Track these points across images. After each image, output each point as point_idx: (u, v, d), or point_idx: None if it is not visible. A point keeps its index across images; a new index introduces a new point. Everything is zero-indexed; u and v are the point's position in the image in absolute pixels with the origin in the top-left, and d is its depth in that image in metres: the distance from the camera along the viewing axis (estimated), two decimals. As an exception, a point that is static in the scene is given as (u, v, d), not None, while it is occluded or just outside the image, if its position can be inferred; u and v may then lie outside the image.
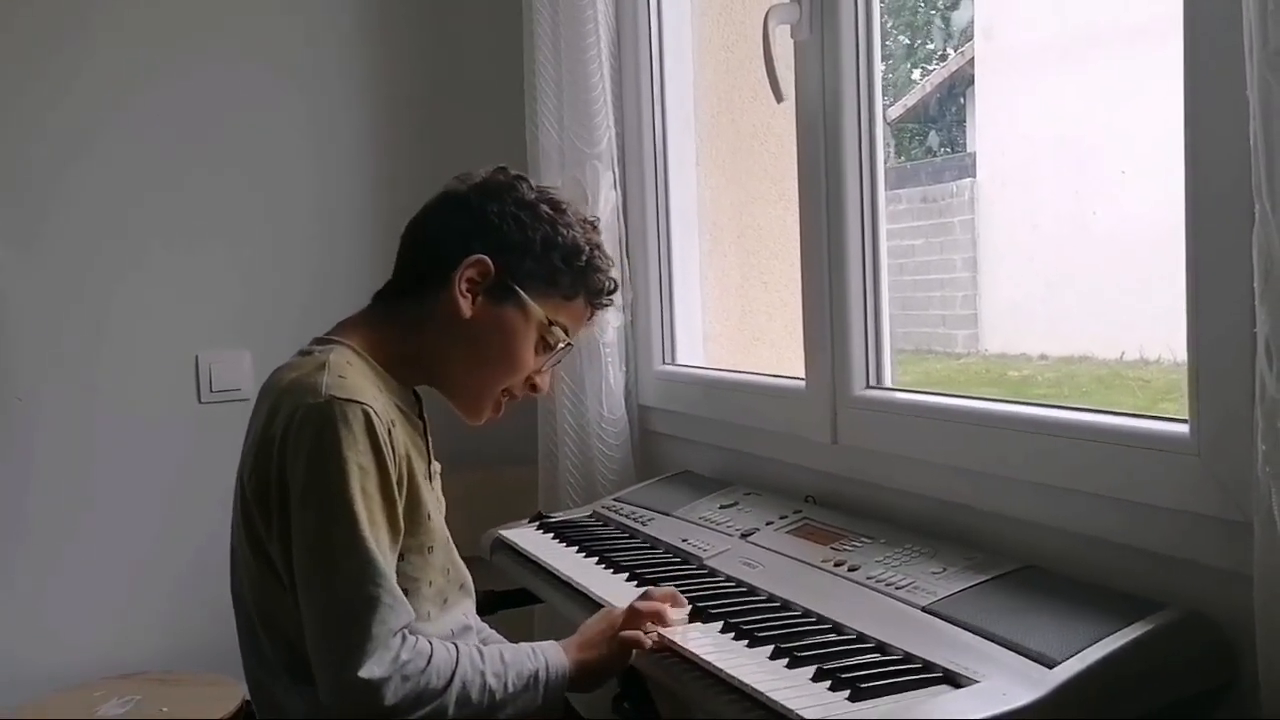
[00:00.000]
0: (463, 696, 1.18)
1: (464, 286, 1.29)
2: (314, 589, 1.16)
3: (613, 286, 1.39)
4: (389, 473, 1.19)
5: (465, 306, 1.29)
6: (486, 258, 1.29)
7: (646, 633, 1.28)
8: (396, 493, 1.20)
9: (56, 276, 2.22)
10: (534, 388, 1.38)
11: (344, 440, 1.15)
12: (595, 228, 1.39)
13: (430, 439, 1.39)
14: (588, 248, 1.34)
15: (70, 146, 2.22)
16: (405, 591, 1.21)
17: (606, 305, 1.41)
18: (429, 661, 1.17)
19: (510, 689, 1.21)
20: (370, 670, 1.12)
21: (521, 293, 1.31)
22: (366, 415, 1.17)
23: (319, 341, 1.31)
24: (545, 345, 1.34)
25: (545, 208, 1.33)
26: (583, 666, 1.29)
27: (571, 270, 1.33)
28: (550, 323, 1.33)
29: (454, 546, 1.38)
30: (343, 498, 1.14)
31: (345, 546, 1.15)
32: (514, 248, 1.31)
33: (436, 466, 1.42)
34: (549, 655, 1.27)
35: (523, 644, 1.29)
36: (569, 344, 1.37)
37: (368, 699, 1.13)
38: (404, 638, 1.17)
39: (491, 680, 1.20)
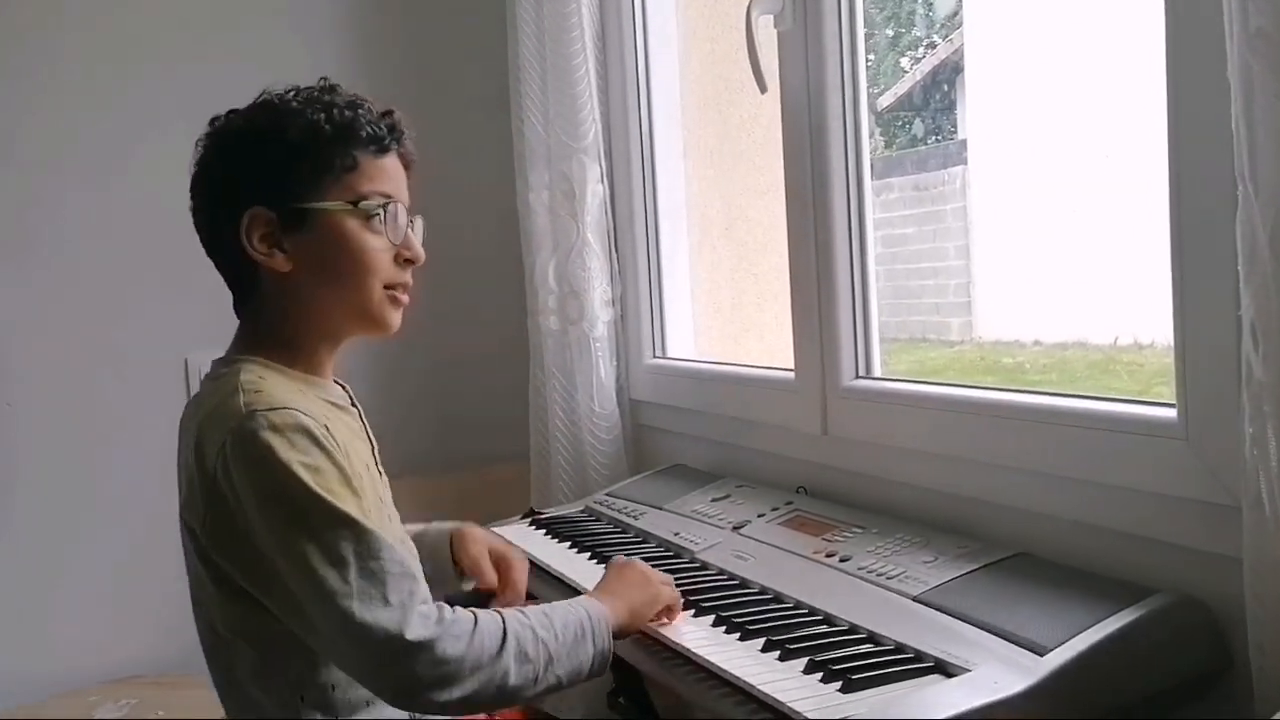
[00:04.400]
0: (520, 653, 1.11)
1: (260, 247, 1.20)
2: (321, 593, 1.07)
3: (379, 116, 1.24)
4: (341, 464, 1.12)
5: (279, 263, 1.20)
6: (256, 208, 1.19)
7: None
8: (355, 483, 1.13)
9: (42, 280, 2.21)
10: (409, 262, 1.24)
11: (280, 448, 1.09)
12: (323, 91, 1.24)
13: (366, 422, 1.33)
14: (332, 108, 1.22)
15: (55, 148, 2.20)
16: None
17: (394, 139, 1.25)
18: (475, 622, 1.10)
19: (559, 639, 1.15)
20: (415, 633, 1.05)
21: (312, 206, 1.19)
22: (296, 418, 1.11)
23: (222, 362, 1.25)
24: (369, 219, 1.21)
25: (275, 117, 1.22)
26: (621, 613, 1.23)
27: (336, 142, 1.21)
28: (356, 201, 1.20)
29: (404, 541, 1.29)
30: (307, 497, 1.08)
31: (331, 538, 1.08)
32: (272, 175, 1.20)
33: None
34: (587, 605, 1.21)
35: (556, 602, 1.22)
36: (389, 199, 1.22)
37: (424, 660, 1.05)
38: (439, 606, 1.11)
39: (542, 633, 1.13)
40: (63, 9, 2.21)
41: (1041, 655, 1.05)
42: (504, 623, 1.12)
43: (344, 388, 1.34)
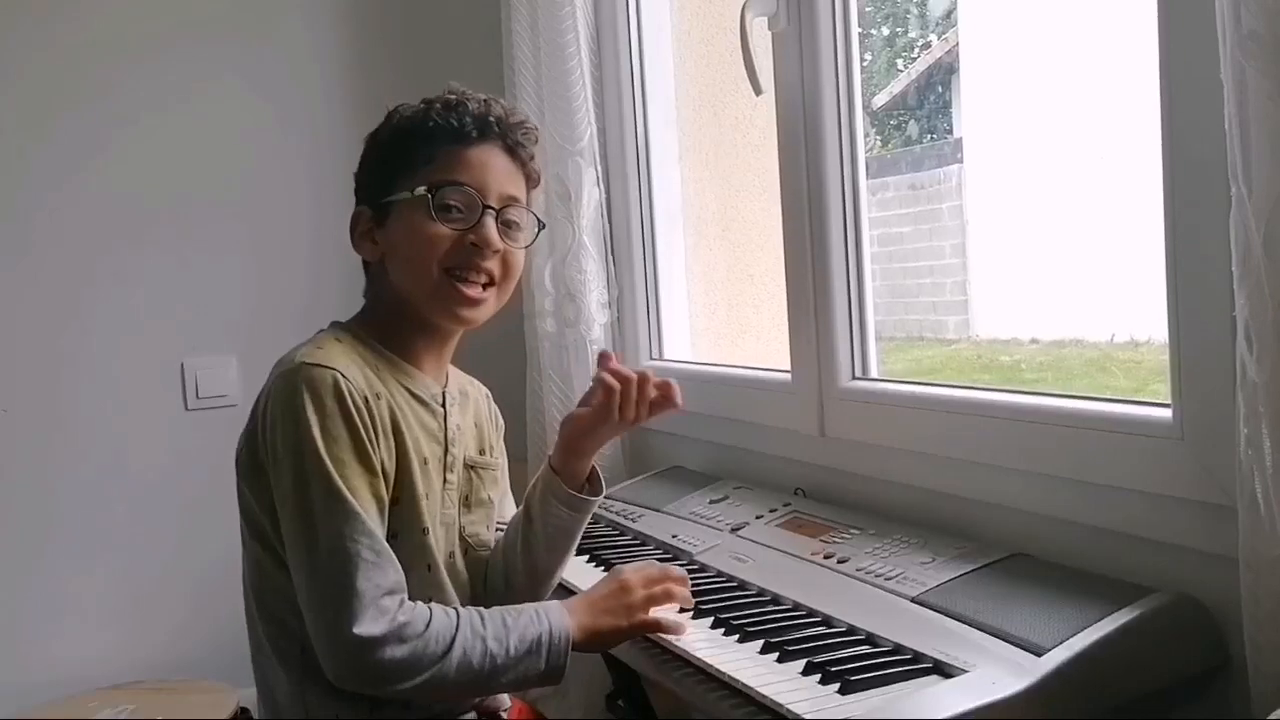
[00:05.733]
0: (464, 662, 1.15)
1: (360, 241, 1.32)
2: (299, 551, 1.15)
3: (465, 105, 1.28)
4: (363, 438, 1.17)
5: (371, 252, 1.31)
6: (360, 207, 1.32)
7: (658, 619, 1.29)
8: (374, 459, 1.18)
9: (40, 285, 2.21)
10: (475, 245, 1.26)
11: (308, 404, 1.15)
12: (452, 94, 1.30)
13: (452, 427, 1.33)
14: (424, 109, 1.29)
15: (53, 155, 2.20)
16: None
17: (472, 127, 1.28)
18: (428, 625, 1.14)
19: (512, 653, 1.18)
20: (365, 628, 1.10)
21: (393, 196, 1.27)
22: (335, 380, 1.17)
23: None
24: (445, 207, 1.25)
25: (384, 125, 1.33)
26: (588, 632, 1.25)
27: (415, 139, 1.28)
28: (428, 189, 1.25)
29: (448, 567, 1.32)
30: (314, 458, 1.14)
31: (322, 505, 1.14)
32: (370, 177, 1.32)
33: (473, 458, 1.39)
34: (553, 618, 1.22)
35: (527, 605, 1.25)
36: (459, 186, 1.26)
37: (364, 657, 1.11)
38: (401, 601, 1.15)
39: (493, 645, 1.17)
40: (59, 6, 2.21)
41: (1039, 655, 1.05)
42: (455, 629, 1.16)
43: (447, 391, 1.34)
